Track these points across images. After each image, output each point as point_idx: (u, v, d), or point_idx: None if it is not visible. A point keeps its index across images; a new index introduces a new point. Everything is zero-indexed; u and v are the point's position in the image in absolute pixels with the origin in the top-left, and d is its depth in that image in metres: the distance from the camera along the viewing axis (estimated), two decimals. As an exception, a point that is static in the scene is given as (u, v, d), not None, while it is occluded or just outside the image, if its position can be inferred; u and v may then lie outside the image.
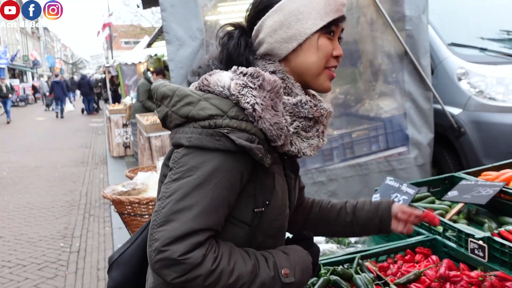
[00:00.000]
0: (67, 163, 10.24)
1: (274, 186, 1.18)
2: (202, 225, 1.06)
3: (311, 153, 1.26)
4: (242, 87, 1.11)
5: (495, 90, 4.14)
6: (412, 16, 3.99)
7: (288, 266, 1.15)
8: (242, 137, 1.08)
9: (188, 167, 1.09)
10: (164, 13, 3.51)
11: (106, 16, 23.07)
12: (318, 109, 1.24)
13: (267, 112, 1.11)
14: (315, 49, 1.22)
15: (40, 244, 5.30)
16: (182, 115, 1.13)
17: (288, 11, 1.21)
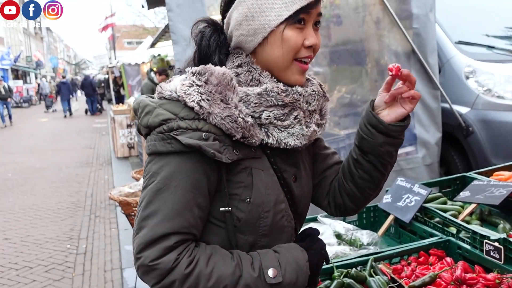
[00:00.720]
0: (71, 164, 10.24)
1: (253, 182, 1.14)
2: (168, 229, 1.06)
3: (297, 143, 1.19)
4: (188, 87, 1.10)
5: (504, 88, 4.11)
6: (419, 14, 3.95)
7: (275, 265, 1.11)
8: (194, 136, 1.06)
9: (150, 174, 1.11)
10: (170, 13, 3.49)
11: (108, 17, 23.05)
12: (289, 94, 1.17)
13: (215, 106, 1.08)
14: (280, 42, 1.14)
15: (47, 246, 5.30)
16: (144, 125, 1.14)
17: (251, 2, 1.15)
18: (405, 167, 4.07)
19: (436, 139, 4.14)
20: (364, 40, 4.07)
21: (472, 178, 2.63)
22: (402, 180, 2.47)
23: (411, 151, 4.14)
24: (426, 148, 4.11)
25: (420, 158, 4.11)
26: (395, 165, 4.18)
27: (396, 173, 4.01)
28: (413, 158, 4.10)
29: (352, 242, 2.20)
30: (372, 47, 4.09)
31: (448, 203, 2.51)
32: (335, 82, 4.12)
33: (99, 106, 24.09)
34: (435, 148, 4.14)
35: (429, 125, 4.12)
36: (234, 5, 1.18)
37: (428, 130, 4.12)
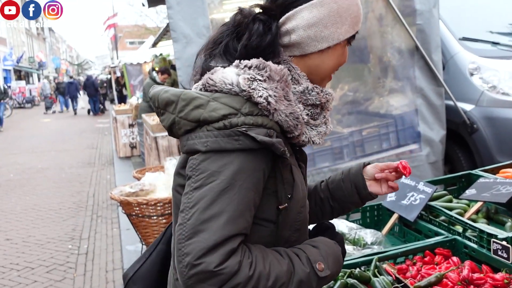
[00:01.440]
0: (74, 164, 10.22)
1: (294, 178, 1.14)
2: (233, 231, 1.00)
3: (320, 141, 1.23)
4: (251, 81, 1.06)
5: (508, 85, 4.06)
6: (423, 10, 3.91)
7: (321, 259, 1.11)
8: (261, 132, 1.03)
9: (209, 172, 1.03)
10: (170, 10, 3.45)
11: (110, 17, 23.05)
12: (324, 94, 1.21)
13: (281, 103, 1.07)
14: (337, 55, 1.21)
15: (48, 246, 5.27)
16: (193, 120, 1.06)
17: (329, 10, 1.16)
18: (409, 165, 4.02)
19: (440, 136, 4.09)
20: (367, 37, 4.03)
21: (478, 175, 2.58)
22: (407, 178, 2.42)
23: (415, 149, 4.10)
24: (430, 146, 4.07)
25: (424, 156, 4.06)
26: (399, 163, 4.14)
27: (400, 172, 3.96)
28: (417, 156, 4.06)
29: (355, 241, 2.16)
30: (375, 44, 4.05)
31: (453, 201, 2.47)
32: (338, 80, 4.08)
33: (102, 106, 24.12)
34: (439, 145, 4.09)
35: (433, 123, 4.07)
36: (308, 5, 1.16)
37: (432, 128, 4.07)
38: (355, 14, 1.19)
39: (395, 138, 4.10)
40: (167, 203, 3.71)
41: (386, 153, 4.05)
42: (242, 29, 1.16)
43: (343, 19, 1.17)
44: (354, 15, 1.18)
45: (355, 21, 1.19)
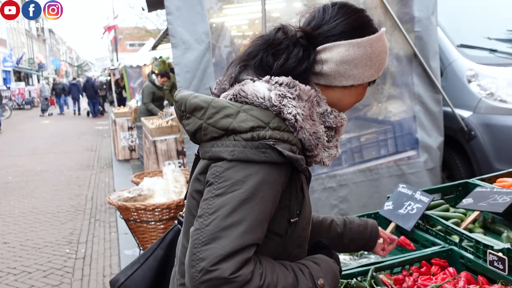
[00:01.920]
0: (73, 167, 10.21)
1: (304, 195, 1.18)
2: (251, 241, 1.03)
3: (329, 163, 1.27)
4: (282, 98, 1.10)
5: (506, 92, 4.06)
6: (421, 17, 3.91)
7: (322, 276, 1.15)
8: (286, 148, 1.08)
9: (233, 181, 1.06)
10: (170, 16, 3.45)
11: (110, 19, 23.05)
12: (340, 119, 1.26)
13: (307, 122, 1.12)
14: (358, 94, 1.28)
15: (46, 250, 5.25)
16: (221, 128, 1.10)
17: (363, 52, 1.21)
18: (407, 171, 4.03)
19: (438, 143, 4.09)
20: (366, 43, 4.03)
21: (475, 184, 2.58)
22: (404, 187, 2.42)
23: (413, 156, 4.10)
24: (428, 153, 4.07)
25: (422, 162, 4.06)
26: (397, 170, 4.15)
27: (398, 178, 3.97)
28: (415, 163, 4.06)
29: (352, 250, 2.15)
30: (374, 51, 4.05)
31: (450, 210, 2.46)
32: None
33: (101, 108, 24.12)
34: (437, 152, 4.10)
35: (431, 129, 4.08)
36: (346, 43, 1.20)
37: (430, 134, 4.08)
38: (383, 61, 1.26)
39: (393, 145, 4.11)
40: (165, 208, 3.71)
41: (384, 159, 4.06)
42: (281, 48, 1.18)
43: (373, 63, 1.22)
44: (382, 62, 1.25)
45: (381, 67, 1.26)
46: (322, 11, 1.25)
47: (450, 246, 2.04)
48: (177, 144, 6.37)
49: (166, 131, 6.40)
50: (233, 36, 3.92)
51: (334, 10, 1.23)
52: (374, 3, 3.91)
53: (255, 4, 3.70)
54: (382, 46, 1.25)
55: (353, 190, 3.84)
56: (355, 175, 3.87)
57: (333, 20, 1.22)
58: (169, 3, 3.44)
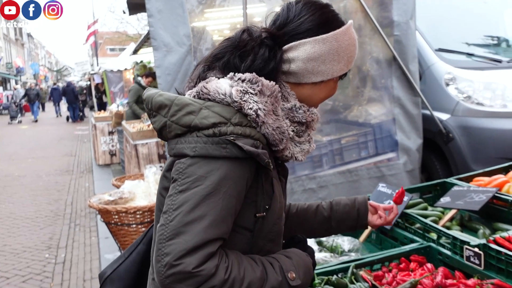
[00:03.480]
0: (51, 172, 10.07)
1: (273, 190, 1.18)
2: (214, 235, 1.05)
3: (302, 158, 1.27)
4: (243, 93, 1.11)
5: (483, 95, 4.16)
6: (400, 21, 3.99)
7: (293, 269, 1.15)
8: (248, 143, 1.08)
9: (195, 177, 1.07)
10: (151, 19, 3.46)
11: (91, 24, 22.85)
12: (310, 113, 1.27)
13: (269, 117, 1.13)
14: (329, 89, 1.29)
15: (24, 256, 5.17)
16: (184, 125, 1.11)
17: (329, 48, 1.22)
18: (386, 173, 4.09)
19: (417, 145, 4.16)
20: (346, 47, 4.09)
21: (452, 183, 2.64)
22: (383, 186, 2.46)
23: (392, 157, 4.16)
24: (408, 155, 4.13)
25: (401, 164, 4.12)
26: (377, 171, 4.21)
27: (378, 179, 4.02)
28: (394, 164, 4.12)
29: (333, 248, 2.19)
30: (354, 54, 4.10)
31: (429, 209, 2.52)
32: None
33: (81, 113, 23.83)
34: (416, 154, 4.17)
35: (410, 132, 4.15)
36: (311, 40, 1.21)
37: (409, 137, 4.14)
38: (351, 54, 1.26)
39: (373, 147, 4.16)
40: (146, 211, 3.70)
41: (364, 161, 4.11)
42: (247, 50, 1.19)
43: (340, 57, 1.23)
44: (351, 55, 1.26)
45: (351, 60, 1.27)
46: (286, 9, 1.26)
47: (428, 243, 2.09)
48: (159, 148, 6.35)
49: (147, 134, 6.37)
50: (215, 40, 3.94)
51: (298, 7, 1.25)
52: (354, 7, 3.97)
53: (236, 8, 3.73)
54: (349, 39, 1.25)
55: (333, 191, 3.87)
56: (335, 176, 3.91)
57: (298, 18, 1.23)
58: (151, 6, 3.44)
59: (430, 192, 2.74)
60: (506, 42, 5.09)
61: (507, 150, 3.94)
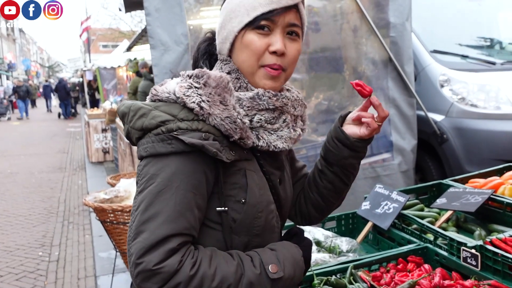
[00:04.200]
0: (44, 169, 10.02)
1: (247, 183, 1.16)
2: (171, 231, 1.05)
3: (284, 146, 1.24)
4: (187, 89, 1.12)
5: (477, 97, 4.20)
6: (396, 23, 4.01)
7: (275, 261, 1.13)
8: (195, 136, 1.08)
9: (149, 176, 1.09)
10: (148, 17, 3.45)
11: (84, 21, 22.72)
12: (279, 98, 1.22)
13: (215, 108, 1.11)
14: (242, 47, 1.20)
15: (18, 253, 5.15)
16: (138, 128, 1.14)
17: (225, 12, 1.23)
18: (381, 173, 4.11)
19: (411, 146, 4.19)
20: (342, 47, 4.11)
21: (448, 185, 2.66)
22: (381, 187, 2.48)
23: (387, 158, 4.18)
24: (402, 155, 4.16)
25: (396, 164, 4.15)
26: (372, 172, 4.22)
27: (373, 180, 4.05)
28: (389, 165, 4.14)
29: (331, 249, 2.20)
30: (350, 55, 4.12)
31: (425, 210, 2.54)
32: (313, 89, 4.14)
33: (73, 110, 23.69)
34: (410, 155, 4.19)
35: (405, 132, 4.17)
36: (219, 17, 1.26)
37: (404, 137, 4.17)
38: (250, 2, 1.18)
39: (368, 147, 4.18)
40: (142, 210, 3.68)
41: (359, 161, 4.13)
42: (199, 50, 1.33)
43: (236, 13, 1.20)
44: (249, 3, 1.18)
45: (251, 7, 1.17)
46: None
47: (425, 244, 2.11)
48: (153, 146, 6.32)
49: (142, 132, 6.34)
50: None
51: None
52: (350, 8, 3.99)
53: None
54: None
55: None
56: (331, 176, 3.92)
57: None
58: (149, 4, 3.43)
59: (426, 193, 2.77)
60: (500, 44, 5.14)
61: (501, 151, 3.98)
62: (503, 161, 3.78)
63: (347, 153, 1.32)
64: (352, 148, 1.31)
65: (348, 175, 1.38)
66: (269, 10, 1.16)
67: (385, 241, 2.35)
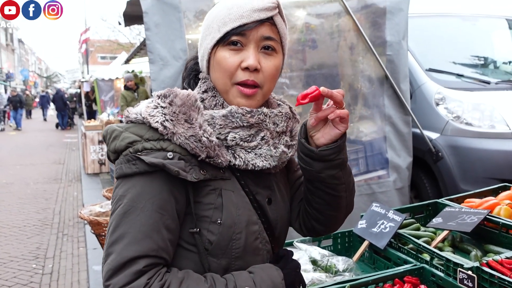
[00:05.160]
0: (39, 180, 9.94)
1: (223, 203, 1.12)
2: (137, 252, 1.02)
3: (265, 164, 1.18)
4: (153, 109, 1.11)
5: (472, 115, 4.21)
6: (392, 41, 4.04)
7: (250, 285, 1.08)
8: (159, 156, 1.06)
9: (118, 197, 1.09)
10: (148, 32, 3.45)
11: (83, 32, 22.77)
12: (254, 115, 1.15)
13: (179, 126, 1.09)
14: (215, 65, 1.16)
15: (11, 265, 5.08)
16: (112, 150, 1.13)
17: (203, 29, 1.21)
18: (377, 190, 4.10)
19: (407, 163, 4.19)
20: (339, 64, 4.13)
21: (443, 204, 2.65)
22: (377, 206, 2.47)
23: (383, 175, 4.18)
24: (398, 172, 4.16)
25: (391, 182, 4.15)
26: (367, 189, 4.20)
27: (368, 196, 4.04)
28: (385, 182, 4.14)
29: (327, 268, 2.18)
30: (346, 72, 4.14)
31: (421, 229, 2.53)
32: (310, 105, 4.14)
33: (70, 121, 23.61)
34: (406, 172, 4.19)
35: (400, 150, 4.18)
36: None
37: (399, 155, 4.17)
38: (221, 18, 1.14)
39: (364, 164, 4.18)
40: (137, 224, 3.66)
41: (355, 178, 4.11)
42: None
43: (210, 29, 1.17)
44: (221, 19, 1.14)
45: (222, 23, 1.14)
46: None
47: (422, 264, 2.09)
48: (150, 159, 6.30)
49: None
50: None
51: None
52: (348, 26, 4.01)
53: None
54: (217, 8, 1.18)
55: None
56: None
57: None
58: (148, 19, 3.44)
59: (422, 212, 2.76)
60: (494, 64, 5.18)
61: (495, 170, 3.98)
62: (497, 180, 3.79)
63: (319, 166, 1.18)
64: (321, 159, 1.17)
65: (333, 187, 1.23)
66: (240, 24, 1.12)
67: (381, 260, 2.33)
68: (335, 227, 1.39)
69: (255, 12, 1.12)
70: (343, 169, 1.22)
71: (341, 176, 1.23)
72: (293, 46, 3.87)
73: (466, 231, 2.24)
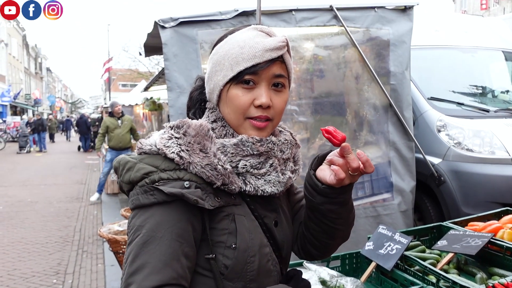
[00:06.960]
0: (62, 199, 9.95)
1: (237, 228, 1.10)
2: (158, 282, 0.98)
3: (273, 190, 1.16)
4: (167, 140, 1.09)
5: (472, 142, 4.16)
6: (396, 72, 4.03)
7: None
8: (176, 185, 1.03)
9: (135, 228, 1.04)
10: (167, 62, 3.48)
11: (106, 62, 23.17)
12: (263, 144, 1.14)
13: (195, 156, 1.07)
14: (228, 101, 1.14)
15: (33, 280, 5.04)
16: (126, 182, 1.10)
17: (212, 64, 1.17)
18: (382, 213, 4.04)
19: (410, 187, 4.13)
20: (345, 93, 4.12)
21: (448, 227, 2.59)
22: (384, 228, 2.41)
23: (387, 198, 4.12)
24: (402, 196, 4.10)
25: (396, 204, 4.08)
26: (373, 211, 4.14)
27: (374, 218, 3.97)
28: (389, 205, 4.07)
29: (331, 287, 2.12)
30: (352, 100, 4.13)
31: (426, 251, 2.46)
32: (318, 131, 4.12)
33: (92, 144, 23.79)
34: (409, 195, 4.13)
35: (404, 174, 4.12)
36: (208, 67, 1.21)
37: (403, 179, 4.12)
38: (234, 56, 1.11)
39: (369, 187, 4.13)
40: (153, 242, 3.62)
41: (361, 200, 4.06)
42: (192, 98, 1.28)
43: (221, 66, 1.13)
44: (233, 57, 1.11)
45: (235, 62, 1.11)
46: None
47: (428, 286, 2.02)
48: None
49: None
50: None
51: None
52: (353, 57, 4.02)
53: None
54: (230, 45, 1.14)
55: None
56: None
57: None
58: (167, 50, 3.48)
59: (427, 235, 2.69)
60: (493, 93, 5.14)
61: (496, 194, 3.91)
62: (498, 204, 3.71)
63: (320, 199, 1.14)
64: (323, 194, 1.13)
65: (332, 220, 1.19)
66: (253, 64, 1.09)
67: (388, 282, 2.27)
68: (328, 254, 1.36)
69: (267, 52, 1.10)
70: (344, 206, 1.17)
71: (341, 212, 1.18)
72: (302, 75, 3.88)
73: (471, 254, 2.18)
